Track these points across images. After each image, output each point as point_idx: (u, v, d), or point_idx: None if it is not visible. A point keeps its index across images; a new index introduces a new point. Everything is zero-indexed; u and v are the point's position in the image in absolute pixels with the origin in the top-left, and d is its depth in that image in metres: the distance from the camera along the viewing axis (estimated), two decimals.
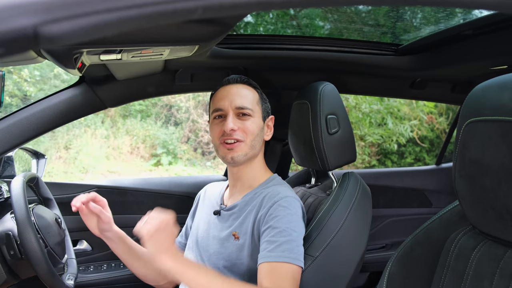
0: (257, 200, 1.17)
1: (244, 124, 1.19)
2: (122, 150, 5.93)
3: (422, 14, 1.53)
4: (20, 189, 1.07)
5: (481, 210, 0.71)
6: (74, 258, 1.30)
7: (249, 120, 1.20)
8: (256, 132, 1.21)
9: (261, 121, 1.24)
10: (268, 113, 1.28)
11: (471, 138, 0.72)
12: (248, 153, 1.20)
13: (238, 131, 1.18)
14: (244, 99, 1.21)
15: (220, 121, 1.21)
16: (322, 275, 1.08)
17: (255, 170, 1.25)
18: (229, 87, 1.23)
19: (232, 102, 1.19)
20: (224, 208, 1.24)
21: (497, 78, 0.71)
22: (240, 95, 1.21)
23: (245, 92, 1.23)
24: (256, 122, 1.21)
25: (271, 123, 1.29)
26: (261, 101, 1.25)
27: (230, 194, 1.28)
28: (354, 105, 5.09)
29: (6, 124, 1.18)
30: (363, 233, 1.18)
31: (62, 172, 5.28)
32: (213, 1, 0.40)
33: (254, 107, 1.22)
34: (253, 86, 1.26)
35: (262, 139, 1.25)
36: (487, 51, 1.21)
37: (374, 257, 1.86)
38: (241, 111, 1.19)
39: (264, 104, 1.26)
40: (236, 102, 1.19)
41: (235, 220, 1.18)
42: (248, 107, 1.20)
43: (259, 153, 1.25)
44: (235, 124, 1.17)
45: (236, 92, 1.21)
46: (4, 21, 0.34)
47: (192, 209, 1.40)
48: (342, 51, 1.43)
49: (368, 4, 0.86)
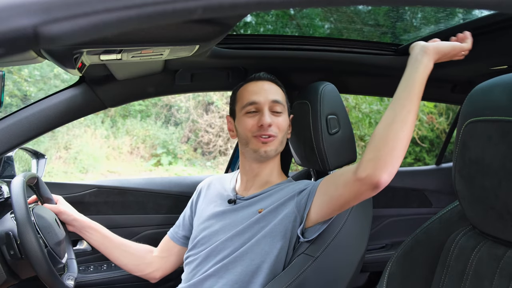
0: (286, 190, 1.17)
1: (277, 120, 1.21)
2: (122, 150, 5.94)
3: (422, 14, 1.53)
4: (20, 189, 1.07)
5: (481, 210, 0.71)
6: (74, 259, 1.30)
7: (281, 116, 1.22)
8: (285, 129, 1.24)
9: (288, 118, 1.26)
10: (290, 112, 1.30)
11: (471, 138, 0.72)
12: (278, 148, 1.22)
13: (273, 127, 1.19)
14: (278, 95, 1.23)
15: (254, 115, 1.21)
16: (323, 275, 1.08)
17: (274, 168, 1.27)
18: (261, 83, 1.24)
19: (267, 96, 1.21)
20: (241, 197, 1.24)
21: (497, 78, 0.71)
22: (273, 90, 1.23)
23: (274, 88, 1.25)
24: (286, 119, 1.24)
25: (290, 122, 1.30)
26: (287, 99, 1.28)
27: (245, 187, 1.27)
28: (354, 105, 5.09)
29: (6, 124, 1.18)
30: (364, 233, 1.18)
31: (62, 172, 5.28)
32: (213, 1, 0.40)
33: (284, 103, 1.25)
34: (279, 85, 1.28)
35: (286, 137, 1.27)
36: (487, 51, 1.21)
37: (374, 257, 1.86)
38: (276, 105, 1.21)
39: (288, 103, 1.28)
40: (272, 96, 1.21)
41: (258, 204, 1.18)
42: (282, 102, 1.23)
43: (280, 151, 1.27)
44: (272, 119, 1.19)
45: (269, 88, 1.23)
46: (4, 21, 0.34)
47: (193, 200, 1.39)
48: (342, 51, 1.43)
49: (368, 4, 0.86)
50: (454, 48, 1.01)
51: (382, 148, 0.90)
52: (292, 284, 1.06)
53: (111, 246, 1.34)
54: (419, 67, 0.94)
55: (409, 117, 0.90)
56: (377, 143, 0.91)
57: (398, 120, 0.90)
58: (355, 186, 0.95)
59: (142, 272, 1.36)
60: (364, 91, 2.11)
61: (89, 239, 1.34)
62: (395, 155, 0.89)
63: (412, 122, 0.91)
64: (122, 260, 1.35)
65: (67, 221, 1.32)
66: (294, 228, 1.12)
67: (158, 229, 1.64)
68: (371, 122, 5.16)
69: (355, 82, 1.65)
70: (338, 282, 1.12)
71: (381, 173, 0.89)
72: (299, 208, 1.12)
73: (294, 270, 1.09)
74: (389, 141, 0.90)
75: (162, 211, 1.70)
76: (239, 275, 1.11)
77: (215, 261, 1.15)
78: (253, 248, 1.11)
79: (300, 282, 1.06)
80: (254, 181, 1.26)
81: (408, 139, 0.91)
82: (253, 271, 1.11)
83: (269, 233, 1.11)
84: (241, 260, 1.12)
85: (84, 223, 1.33)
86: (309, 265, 1.06)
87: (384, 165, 0.89)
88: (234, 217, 1.20)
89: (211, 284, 1.13)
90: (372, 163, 0.91)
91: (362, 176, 0.92)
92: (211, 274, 1.15)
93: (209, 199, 1.32)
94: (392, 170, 0.90)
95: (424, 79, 0.94)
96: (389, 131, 0.90)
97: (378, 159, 0.90)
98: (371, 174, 0.90)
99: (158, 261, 1.38)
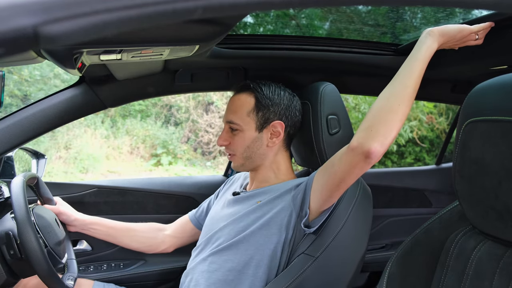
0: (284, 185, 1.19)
1: (233, 139, 1.23)
2: (122, 150, 5.93)
3: (422, 14, 1.53)
4: (20, 189, 1.07)
5: (481, 210, 0.71)
6: (74, 259, 1.30)
7: (237, 135, 1.23)
8: (246, 144, 1.22)
9: (254, 132, 1.21)
10: (269, 119, 1.21)
11: (471, 138, 0.72)
12: (245, 163, 1.24)
13: (230, 145, 1.24)
14: (233, 114, 1.23)
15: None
16: (323, 275, 1.08)
17: (275, 169, 1.27)
18: (231, 99, 1.26)
19: (226, 116, 1.24)
20: (244, 191, 1.28)
21: (497, 78, 0.71)
22: (231, 108, 1.24)
23: (238, 103, 1.23)
24: (246, 135, 1.21)
25: (279, 128, 1.22)
26: (256, 109, 1.21)
27: (250, 184, 1.32)
28: (354, 106, 5.09)
29: (6, 124, 1.18)
30: (364, 233, 1.18)
31: (62, 172, 5.27)
32: (213, 1, 0.40)
33: (243, 120, 1.21)
34: (253, 92, 1.22)
35: (261, 148, 1.23)
36: (487, 51, 1.21)
37: (374, 257, 1.86)
38: (230, 125, 1.23)
39: (262, 111, 1.21)
40: (226, 116, 1.24)
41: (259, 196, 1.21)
42: (234, 121, 1.22)
43: (266, 159, 1.25)
44: (226, 139, 1.23)
45: (230, 105, 1.25)
46: (4, 21, 0.34)
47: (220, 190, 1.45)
48: (342, 51, 1.43)
49: (368, 4, 0.86)
50: (462, 30, 1.02)
51: (375, 119, 0.92)
52: (292, 284, 1.06)
53: (119, 234, 1.37)
54: (422, 47, 0.97)
55: (405, 92, 0.92)
56: (371, 114, 0.94)
57: (394, 93, 0.92)
58: (348, 157, 0.97)
59: (155, 250, 1.41)
60: (364, 91, 2.11)
61: (95, 235, 1.37)
62: (388, 126, 0.91)
63: (409, 99, 0.92)
64: (133, 244, 1.39)
65: (68, 221, 1.33)
66: (290, 223, 1.12)
67: None
68: None
69: (355, 82, 1.65)
70: (338, 282, 1.12)
71: (372, 142, 0.91)
72: (295, 202, 1.12)
73: (294, 270, 1.09)
74: (383, 113, 0.92)
75: (162, 211, 1.70)
76: (232, 263, 1.13)
77: (212, 247, 1.18)
78: (248, 239, 1.13)
79: (300, 282, 1.06)
80: (256, 181, 1.29)
81: (403, 113, 0.92)
82: (246, 261, 1.12)
83: (265, 225, 1.13)
84: (235, 249, 1.14)
85: (85, 221, 1.35)
86: (309, 265, 1.06)
87: (376, 134, 0.91)
88: (234, 207, 1.24)
89: (206, 268, 1.16)
90: (364, 132, 0.93)
91: (354, 145, 0.94)
92: (206, 259, 1.18)
93: (227, 192, 1.38)
94: (384, 141, 0.91)
95: (426, 59, 0.96)
96: (386, 104, 0.92)
97: (370, 129, 0.92)
98: (363, 143, 0.92)
99: (170, 240, 1.42)
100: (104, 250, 1.60)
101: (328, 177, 1.04)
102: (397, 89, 0.93)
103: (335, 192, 1.05)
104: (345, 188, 1.05)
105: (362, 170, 0.97)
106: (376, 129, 0.91)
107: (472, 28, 1.03)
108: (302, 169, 1.59)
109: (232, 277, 1.12)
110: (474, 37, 1.05)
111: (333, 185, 1.03)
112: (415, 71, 0.94)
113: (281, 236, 1.12)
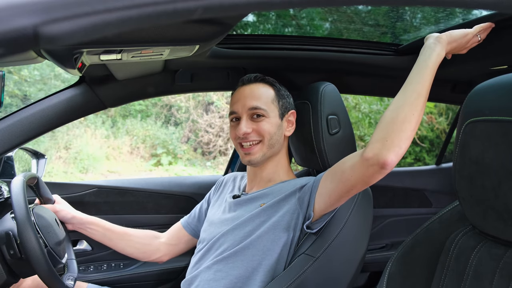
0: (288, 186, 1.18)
1: (258, 125, 1.21)
2: (122, 150, 5.94)
3: (422, 14, 1.53)
4: (20, 189, 1.07)
5: (481, 210, 0.71)
6: (74, 259, 1.30)
7: (263, 121, 1.21)
8: (273, 131, 1.22)
9: (278, 119, 1.24)
10: (287, 108, 1.28)
11: (471, 138, 0.72)
12: (266, 153, 1.22)
13: (253, 133, 1.20)
14: (257, 100, 1.22)
15: (236, 123, 1.24)
16: (323, 275, 1.08)
17: (278, 166, 1.27)
18: (243, 89, 1.24)
19: (245, 104, 1.21)
20: (245, 194, 1.26)
21: (497, 78, 0.71)
22: (253, 95, 1.22)
23: (259, 91, 1.23)
24: (272, 121, 1.22)
25: (292, 118, 1.29)
26: (277, 98, 1.26)
27: (250, 185, 1.30)
28: (354, 106, 5.09)
29: (6, 124, 1.18)
30: (364, 233, 1.18)
31: (62, 172, 5.27)
32: (213, 1, 0.40)
33: (268, 106, 1.23)
34: (270, 83, 1.26)
35: (281, 136, 1.26)
36: (487, 51, 1.21)
37: (374, 257, 1.86)
38: (255, 111, 1.21)
39: (282, 100, 1.26)
40: (249, 103, 1.21)
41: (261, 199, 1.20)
42: (261, 107, 1.21)
43: (280, 150, 1.27)
44: (249, 127, 1.20)
45: (249, 93, 1.23)
46: (4, 21, 0.34)
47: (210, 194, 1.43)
48: (342, 51, 1.43)
49: (368, 4, 0.86)
50: (466, 34, 1.04)
51: (390, 129, 0.91)
52: (293, 284, 1.06)
53: (115, 237, 1.36)
54: (432, 54, 0.98)
55: (419, 101, 0.92)
56: (385, 124, 0.93)
57: (408, 103, 0.92)
58: (362, 167, 0.96)
59: (149, 258, 1.39)
60: (364, 91, 2.11)
61: (91, 235, 1.35)
62: (403, 136, 0.91)
63: (422, 106, 0.93)
64: (128, 249, 1.37)
65: (66, 219, 1.32)
66: (297, 225, 1.12)
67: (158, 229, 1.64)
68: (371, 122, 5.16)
69: (355, 82, 1.65)
70: (338, 282, 1.12)
71: (388, 153, 0.90)
72: (301, 204, 1.12)
73: (294, 270, 1.09)
74: (397, 123, 0.91)
75: (162, 211, 1.70)
76: (240, 270, 1.11)
77: (215, 254, 1.16)
78: (254, 244, 1.12)
79: (300, 282, 1.06)
80: (257, 180, 1.28)
81: (416, 122, 0.92)
82: (254, 267, 1.11)
83: (271, 229, 1.12)
84: (242, 255, 1.12)
85: (83, 220, 1.34)
86: (310, 265, 1.06)
87: (392, 145, 0.90)
88: (236, 211, 1.22)
89: (212, 276, 1.13)
90: (379, 143, 0.92)
91: (369, 156, 0.93)
92: (210, 267, 1.15)
93: (222, 195, 1.36)
94: (399, 151, 0.91)
95: (436, 66, 0.97)
96: (399, 113, 0.92)
97: (385, 140, 0.91)
98: (378, 154, 0.91)
99: (166, 248, 1.40)
100: (104, 250, 1.60)
101: (338, 183, 1.04)
102: (410, 98, 0.93)
103: (344, 198, 1.06)
104: (354, 193, 1.05)
105: (376, 179, 0.97)
106: (391, 140, 0.91)
107: (474, 31, 1.05)
108: (302, 169, 1.59)
109: (240, 284, 1.10)
110: (477, 39, 1.06)
111: (343, 191, 1.03)
112: (427, 79, 0.94)
113: (288, 238, 1.12)
